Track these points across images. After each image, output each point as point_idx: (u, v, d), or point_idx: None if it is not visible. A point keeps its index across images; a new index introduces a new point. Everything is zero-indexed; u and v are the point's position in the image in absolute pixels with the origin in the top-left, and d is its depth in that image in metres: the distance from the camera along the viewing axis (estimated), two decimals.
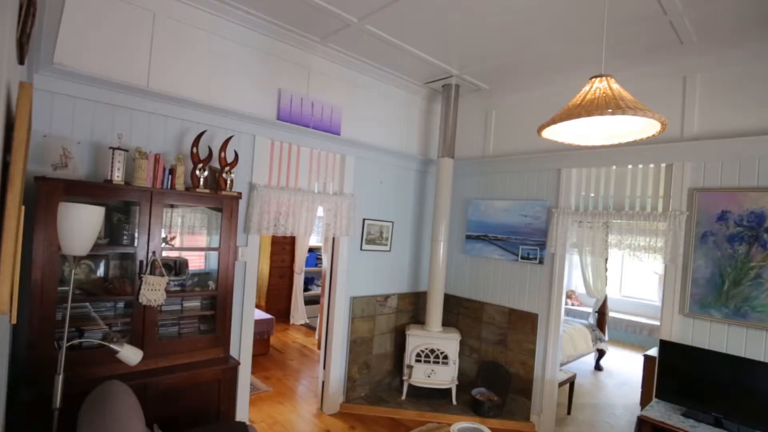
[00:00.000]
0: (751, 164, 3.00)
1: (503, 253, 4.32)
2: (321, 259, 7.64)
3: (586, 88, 1.85)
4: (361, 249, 4.24)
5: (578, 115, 1.71)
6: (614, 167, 3.67)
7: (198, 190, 2.87)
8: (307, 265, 7.50)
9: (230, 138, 3.13)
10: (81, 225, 2.01)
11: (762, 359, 2.82)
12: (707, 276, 3.14)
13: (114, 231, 2.69)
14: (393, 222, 4.52)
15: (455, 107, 4.39)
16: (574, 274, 7.95)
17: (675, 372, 3.07)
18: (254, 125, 3.40)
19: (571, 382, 4.47)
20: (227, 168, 3.03)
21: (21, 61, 1.59)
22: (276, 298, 7.12)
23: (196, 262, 3.18)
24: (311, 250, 7.60)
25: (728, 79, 3.13)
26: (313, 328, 6.89)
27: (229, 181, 3.03)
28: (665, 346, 3.14)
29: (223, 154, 3.04)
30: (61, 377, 1.97)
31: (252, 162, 3.43)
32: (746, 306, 2.97)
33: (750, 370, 2.77)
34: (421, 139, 4.79)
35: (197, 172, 2.90)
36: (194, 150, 2.91)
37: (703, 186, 3.20)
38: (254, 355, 5.30)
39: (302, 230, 3.67)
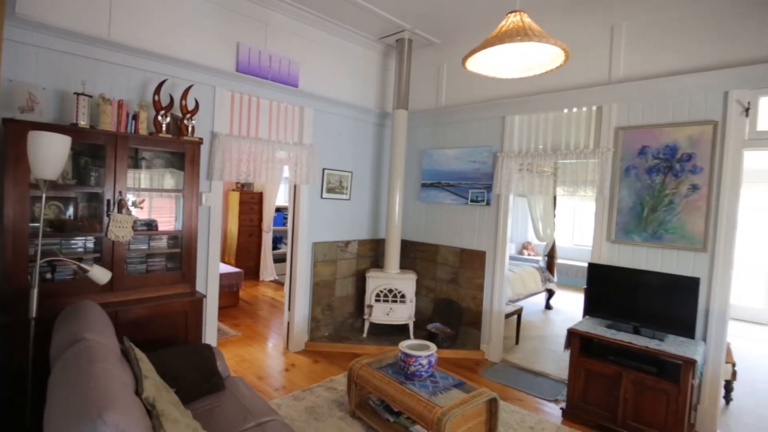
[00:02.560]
0: (667, 102, 3.35)
1: (455, 198, 4.64)
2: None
3: (503, 22, 2.08)
4: (321, 197, 4.46)
5: (493, 44, 1.95)
6: (552, 113, 3.97)
7: (161, 135, 3.01)
8: (275, 224, 7.68)
9: (190, 87, 3.25)
10: (50, 150, 2.16)
11: (672, 269, 3.25)
12: (630, 205, 3.53)
13: (81, 173, 2.82)
14: (352, 172, 4.74)
15: (408, 61, 4.58)
16: (529, 226, 8.41)
17: (601, 290, 3.47)
18: (214, 77, 3.52)
19: (518, 314, 4.91)
20: (188, 115, 3.17)
21: None
22: (245, 256, 7.31)
23: (164, 211, 3.32)
24: (279, 209, 7.76)
25: (649, 27, 3.44)
26: (282, 284, 7.14)
27: (190, 128, 3.18)
28: (593, 267, 3.53)
29: (184, 102, 3.17)
30: (35, 290, 2.15)
31: (213, 111, 3.56)
32: (661, 229, 3.38)
33: (662, 282, 3.17)
34: (378, 93, 4.97)
35: (159, 119, 3.03)
36: (156, 98, 3.03)
37: (627, 124, 3.55)
38: (224, 307, 5.62)
39: (264, 178, 3.86)
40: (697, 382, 2.98)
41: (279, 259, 7.66)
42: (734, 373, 3.58)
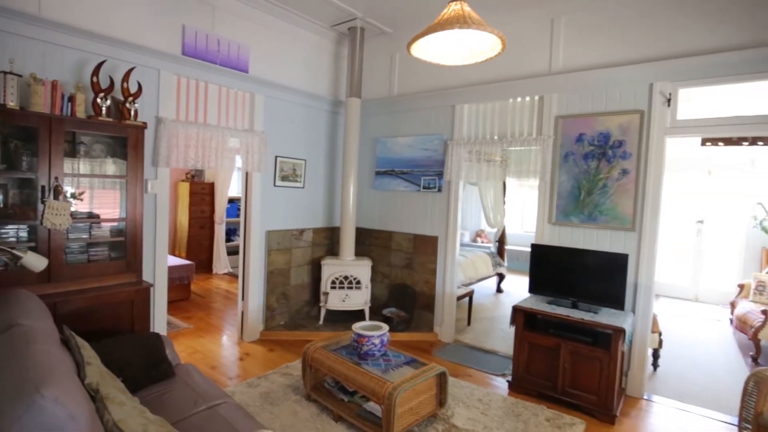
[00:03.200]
0: (601, 92, 3.59)
1: (408, 185, 4.74)
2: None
3: (445, 10, 2.17)
4: (274, 185, 4.42)
5: (434, 30, 2.03)
6: (498, 102, 4.14)
7: (100, 118, 2.88)
8: (228, 215, 7.50)
9: (132, 69, 3.12)
10: None
11: (605, 248, 3.50)
12: (569, 189, 3.76)
13: (12, 157, 2.65)
14: (305, 160, 4.73)
15: (361, 49, 4.62)
16: (482, 215, 8.70)
17: (543, 269, 3.68)
18: (158, 59, 3.39)
19: (469, 297, 5.11)
20: (130, 98, 3.05)
21: None
22: (197, 249, 7.10)
23: (107, 198, 3.18)
24: (232, 200, 7.58)
25: (586, 22, 3.65)
26: (237, 276, 7.00)
27: (133, 112, 3.06)
28: (535, 248, 3.74)
29: (125, 85, 3.05)
30: None
31: (158, 96, 3.44)
32: (596, 211, 3.63)
33: (597, 260, 3.40)
34: (331, 81, 4.97)
35: (99, 102, 2.89)
36: (94, 79, 2.89)
37: (566, 113, 3.76)
38: (175, 300, 5.47)
39: (214, 165, 3.77)
40: (627, 349, 3.25)
41: (233, 252, 7.49)
42: (660, 342, 3.92)
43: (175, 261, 5.72)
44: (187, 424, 2.02)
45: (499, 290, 6.81)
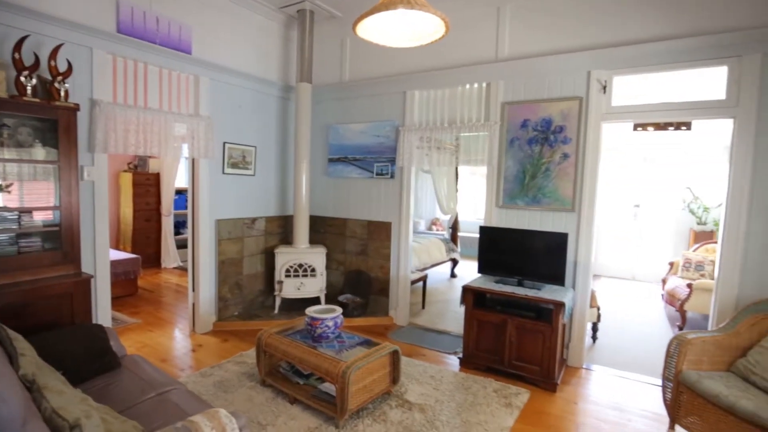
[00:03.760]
0: (543, 80, 3.74)
1: (361, 172, 4.76)
2: None
3: None
4: (223, 172, 4.30)
5: (378, 10, 2.04)
6: (448, 89, 4.22)
7: (25, 98, 2.68)
8: (176, 207, 7.22)
9: (60, 46, 2.91)
10: None
11: (548, 229, 3.68)
12: (514, 173, 3.92)
13: None
14: (256, 146, 4.63)
15: (311, 33, 4.55)
16: (436, 203, 8.87)
17: (491, 250, 3.83)
18: (90, 36, 3.19)
19: (423, 281, 5.23)
20: (59, 78, 2.85)
21: None
22: (143, 242, 6.79)
23: (38, 185, 2.98)
24: (180, 192, 7.29)
25: (529, 10, 3.79)
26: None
27: (63, 92, 2.86)
28: (483, 230, 3.87)
29: (53, 63, 2.84)
30: None
31: (91, 76, 3.24)
32: (540, 194, 3.81)
33: (540, 239, 3.57)
34: (281, 66, 4.88)
35: (23, 80, 2.69)
36: (16, 56, 2.68)
37: (511, 100, 3.90)
38: (121, 296, 5.24)
39: (157, 150, 3.62)
40: (567, 321, 3.46)
41: (183, 245, 7.23)
42: (599, 316, 4.20)
43: (119, 255, 5.45)
44: (136, 411, 1.97)
45: (453, 275, 7.01)
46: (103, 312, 3.37)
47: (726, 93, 3.10)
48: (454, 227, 7.17)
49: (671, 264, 5.95)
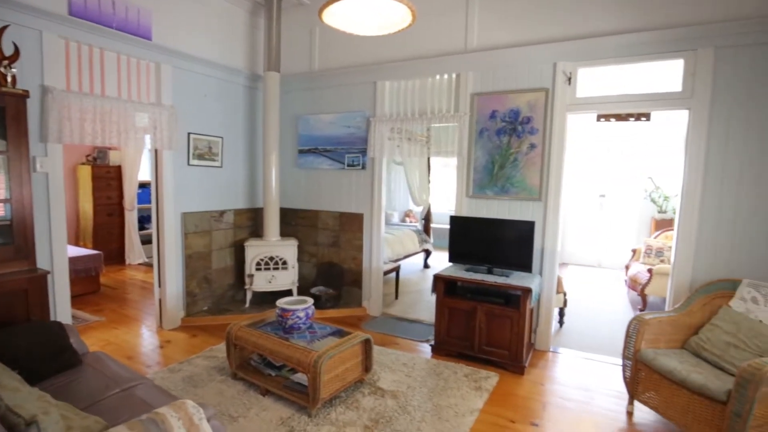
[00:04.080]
0: (511, 71, 3.80)
1: (332, 163, 4.72)
2: None
3: None
4: (188, 164, 4.18)
5: None
6: (418, 80, 4.23)
7: None
8: (141, 201, 6.97)
9: (5, 28, 2.74)
10: None
11: (516, 218, 3.76)
12: (483, 164, 3.97)
13: None
14: (222, 137, 4.51)
15: (278, 20, 4.45)
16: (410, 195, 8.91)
17: (461, 239, 3.87)
18: (39, 18, 3.01)
19: (396, 272, 5.26)
20: (5, 62, 2.68)
21: None
22: (105, 238, 6.54)
23: None
24: (145, 185, 7.04)
25: (497, 1, 3.82)
26: None
27: (9, 77, 2.70)
28: (454, 220, 3.92)
29: None
30: None
31: (42, 61, 3.07)
32: (508, 183, 3.88)
33: (508, 228, 3.63)
34: (248, 54, 4.76)
35: None
36: None
37: (480, 91, 3.94)
38: (83, 294, 5.05)
39: (116, 141, 3.48)
40: (534, 306, 3.56)
41: (148, 241, 6.98)
42: (565, 301, 4.34)
43: (79, 251, 5.24)
44: (99, 407, 1.91)
45: (426, 266, 7.07)
46: (62, 309, 3.23)
47: (682, 85, 3.22)
48: (427, 219, 7.23)
49: (634, 251, 6.19)
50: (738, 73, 3.03)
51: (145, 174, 6.99)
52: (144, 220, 7.19)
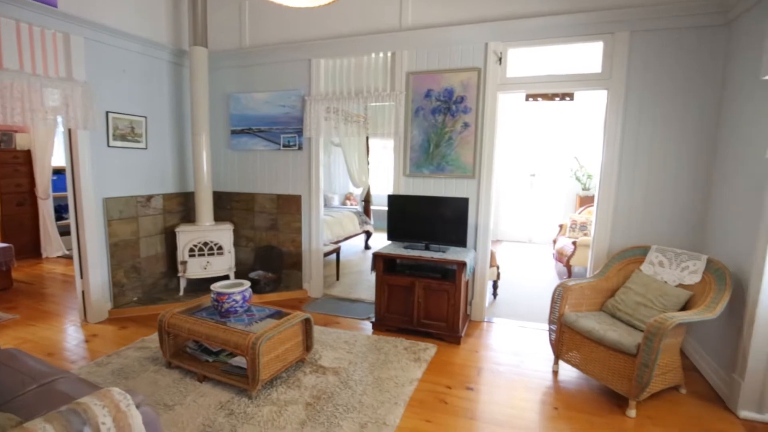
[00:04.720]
0: (445, 50, 3.86)
1: (267, 144, 4.58)
2: None
3: None
4: (108, 145, 3.87)
5: None
6: (354, 58, 4.18)
7: None
8: (57, 189, 6.39)
9: None
10: None
11: (452, 196, 3.87)
12: (420, 143, 4.03)
13: None
14: (146, 117, 4.21)
15: None
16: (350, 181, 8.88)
17: (399, 217, 3.93)
18: None
19: (336, 253, 5.26)
20: None
21: None
22: (16, 230, 5.94)
23: None
24: (59, 171, 6.44)
25: None
26: None
27: None
28: (391, 198, 3.97)
29: None
30: None
31: None
32: (443, 162, 3.97)
33: (444, 205, 3.74)
34: (171, 28, 4.45)
35: None
36: None
37: (416, 70, 3.98)
38: None
39: (20, 120, 3.14)
40: (469, 278, 3.72)
41: (68, 232, 6.45)
42: (498, 275, 4.57)
43: None
44: (15, 404, 1.75)
45: (367, 247, 7.13)
46: None
47: (601, 66, 3.45)
48: (367, 200, 7.26)
49: (561, 226, 6.62)
50: (648, 56, 3.29)
51: (60, 159, 6.39)
52: (62, 210, 6.60)
